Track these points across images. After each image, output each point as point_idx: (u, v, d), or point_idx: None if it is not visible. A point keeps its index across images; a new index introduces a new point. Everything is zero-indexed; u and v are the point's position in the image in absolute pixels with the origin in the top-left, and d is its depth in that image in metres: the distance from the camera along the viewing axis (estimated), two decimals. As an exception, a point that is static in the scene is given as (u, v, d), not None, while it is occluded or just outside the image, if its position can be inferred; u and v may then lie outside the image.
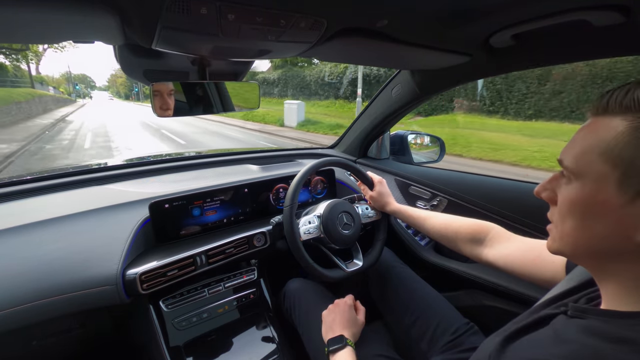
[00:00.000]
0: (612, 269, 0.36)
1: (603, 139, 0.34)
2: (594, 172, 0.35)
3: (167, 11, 0.46)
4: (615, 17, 0.57)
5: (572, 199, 0.37)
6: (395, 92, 1.21)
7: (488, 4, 0.59)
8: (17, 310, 0.66)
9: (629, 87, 0.34)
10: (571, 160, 0.37)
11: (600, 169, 0.34)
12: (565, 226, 0.38)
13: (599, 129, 0.35)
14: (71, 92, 54.58)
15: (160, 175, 1.15)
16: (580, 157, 0.36)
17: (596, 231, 0.35)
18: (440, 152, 1.44)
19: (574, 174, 0.37)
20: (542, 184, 0.42)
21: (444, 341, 0.80)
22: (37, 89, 23.19)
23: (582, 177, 0.36)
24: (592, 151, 0.35)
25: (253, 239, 0.96)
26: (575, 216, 0.37)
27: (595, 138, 0.35)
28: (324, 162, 0.99)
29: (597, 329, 0.34)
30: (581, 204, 0.36)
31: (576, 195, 0.37)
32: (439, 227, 0.84)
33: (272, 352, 0.91)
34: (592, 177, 0.35)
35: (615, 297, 0.36)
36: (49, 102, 21.98)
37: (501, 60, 0.86)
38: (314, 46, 0.67)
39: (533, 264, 0.62)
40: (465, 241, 0.77)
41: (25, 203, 0.90)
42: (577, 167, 0.36)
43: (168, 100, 0.70)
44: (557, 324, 0.40)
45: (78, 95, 57.68)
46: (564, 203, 0.38)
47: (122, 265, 0.76)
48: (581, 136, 0.37)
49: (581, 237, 0.37)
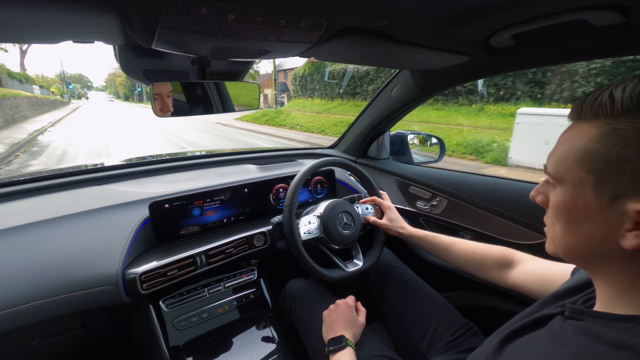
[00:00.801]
0: (604, 271, 0.36)
1: (577, 144, 0.35)
2: (572, 178, 0.35)
3: (167, 11, 0.46)
4: (615, 17, 0.57)
5: (557, 204, 0.38)
6: (395, 92, 1.21)
7: (488, 4, 0.59)
8: (17, 310, 0.66)
9: (600, 91, 0.34)
10: (552, 167, 0.38)
11: (576, 175, 0.35)
12: (555, 230, 0.39)
13: (574, 135, 0.36)
14: (64, 92, 49.50)
15: (160, 175, 1.15)
16: (559, 163, 0.37)
17: (581, 235, 0.36)
18: (440, 152, 1.44)
19: (555, 179, 0.38)
20: (536, 188, 0.43)
21: (444, 341, 0.80)
22: (15, 89, 17.15)
23: (563, 182, 0.37)
24: (568, 157, 0.36)
25: (253, 239, 0.96)
26: (562, 220, 0.38)
27: (571, 144, 0.36)
28: (323, 162, 0.99)
29: (594, 332, 0.34)
30: (564, 208, 0.37)
31: (559, 200, 0.37)
32: (465, 253, 0.81)
33: (272, 352, 0.91)
34: (571, 183, 0.36)
35: (608, 298, 0.36)
36: (23, 106, 14.68)
37: (501, 60, 0.86)
38: (314, 46, 0.67)
39: (543, 279, 0.62)
40: (492, 266, 0.75)
41: (25, 203, 0.90)
42: (557, 173, 0.37)
43: (168, 100, 0.70)
44: (554, 326, 0.40)
45: (73, 96, 52.01)
46: (552, 208, 0.39)
47: (122, 265, 0.76)
48: (561, 142, 0.38)
49: (569, 240, 0.38)
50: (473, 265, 0.79)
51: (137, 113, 24.21)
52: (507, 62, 0.87)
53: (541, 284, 0.63)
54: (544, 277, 0.63)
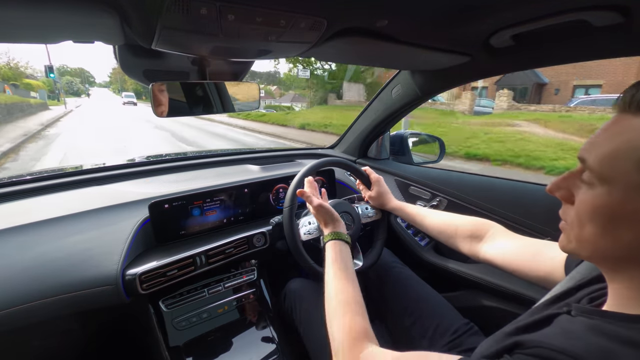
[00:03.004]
0: (626, 273, 0.35)
1: (638, 144, 0.31)
2: (625, 180, 0.31)
3: (167, 11, 0.46)
4: (615, 17, 0.57)
5: (595, 204, 0.34)
6: (395, 92, 1.21)
7: (488, 4, 0.59)
8: (17, 310, 0.66)
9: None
10: (597, 162, 0.34)
11: (633, 178, 0.31)
12: (584, 231, 0.36)
13: (632, 132, 0.32)
14: (51, 88, 31.07)
15: (160, 175, 1.15)
16: (608, 160, 0.33)
17: (618, 239, 0.33)
18: (440, 152, 1.44)
19: (599, 177, 0.34)
20: (556, 182, 0.39)
21: (444, 341, 0.80)
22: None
23: (610, 182, 0.33)
24: (624, 157, 0.31)
25: (253, 239, 0.96)
26: (597, 223, 0.34)
27: (627, 141, 0.32)
28: (323, 162, 0.99)
29: (605, 330, 0.33)
30: (605, 211, 0.33)
31: (601, 202, 0.33)
32: (439, 224, 0.84)
33: (272, 352, 0.91)
34: (622, 185, 0.32)
35: (624, 299, 0.35)
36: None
37: (501, 60, 0.86)
38: (314, 46, 0.67)
39: (530, 261, 0.62)
40: (464, 238, 0.77)
41: (25, 203, 0.90)
42: (604, 171, 0.33)
43: (167, 100, 0.70)
44: (563, 322, 0.38)
45: (73, 92, 36.06)
46: (584, 207, 0.35)
47: (121, 266, 0.76)
48: (608, 136, 0.34)
49: (602, 243, 0.35)
50: (446, 236, 0.81)
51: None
52: (507, 62, 0.87)
53: (526, 265, 0.62)
54: (531, 258, 0.62)
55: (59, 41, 0.59)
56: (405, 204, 0.97)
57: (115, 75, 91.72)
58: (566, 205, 0.39)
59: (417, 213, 0.91)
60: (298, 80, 26.06)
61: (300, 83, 27.11)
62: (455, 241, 0.79)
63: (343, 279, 0.68)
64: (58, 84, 27.05)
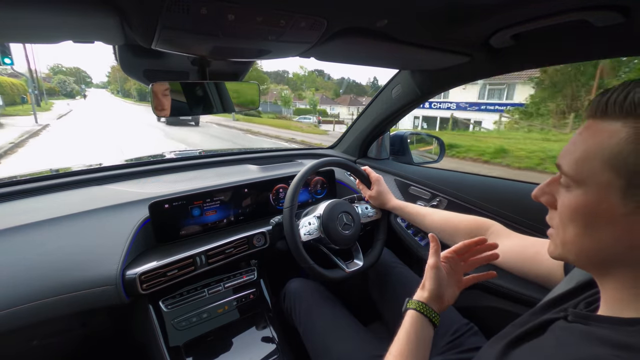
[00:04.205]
0: (614, 275, 0.35)
1: (605, 145, 0.32)
2: (597, 180, 0.33)
3: (167, 11, 0.46)
4: (615, 17, 0.57)
5: (573, 206, 0.36)
6: (395, 92, 1.21)
7: (488, 4, 0.59)
8: (17, 310, 0.66)
9: (628, 88, 0.32)
10: (571, 166, 0.36)
11: (603, 177, 0.33)
12: (567, 233, 0.37)
13: (599, 134, 0.33)
14: (24, 89, 18.23)
15: (160, 175, 1.15)
16: (581, 163, 0.35)
17: (599, 239, 0.34)
18: (440, 153, 1.44)
19: (574, 180, 0.35)
20: (540, 188, 0.41)
21: (444, 341, 0.80)
22: None
23: (584, 184, 0.34)
24: (594, 157, 0.33)
25: (253, 239, 0.96)
26: (578, 224, 0.36)
27: (596, 143, 0.33)
28: (323, 162, 0.99)
29: (599, 335, 0.33)
30: (583, 211, 0.35)
31: (577, 203, 0.35)
32: (439, 223, 0.84)
33: (272, 352, 0.91)
34: (595, 185, 0.33)
35: (616, 302, 0.35)
36: None
37: (501, 60, 0.86)
38: (314, 46, 0.67)
39: (531, 260, 0.62)
40: (464, 236, 0.76)
41: (25, 203, 0.90)
42: (577, 173, 0.35)
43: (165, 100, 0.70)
44: (558, 331, 0.39)
45: (67, 93, 28.11)
46: (564, 210, 0.37)
47: (121, 266, 0.76)
48: (581, 140, 0.36)
49: (584, 244, 0.36)
50: (446, 234, 0.82)
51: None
52: (507, 62, 0.87)
53: (526, 264, 0.63)
54: (531, 258, 0.62)
55: (59, 41, 0.59)
56: (405, 203, 0.98)
57: (114, 74, 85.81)
58: (552, 211, 0.41)
59: (417, 212, 0.91)
60: (309, 81, 23.32)
61: (311, 84, 24.98)
62: (455, 240, 0.79)
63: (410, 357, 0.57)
64: (30, 84, 16.53)
